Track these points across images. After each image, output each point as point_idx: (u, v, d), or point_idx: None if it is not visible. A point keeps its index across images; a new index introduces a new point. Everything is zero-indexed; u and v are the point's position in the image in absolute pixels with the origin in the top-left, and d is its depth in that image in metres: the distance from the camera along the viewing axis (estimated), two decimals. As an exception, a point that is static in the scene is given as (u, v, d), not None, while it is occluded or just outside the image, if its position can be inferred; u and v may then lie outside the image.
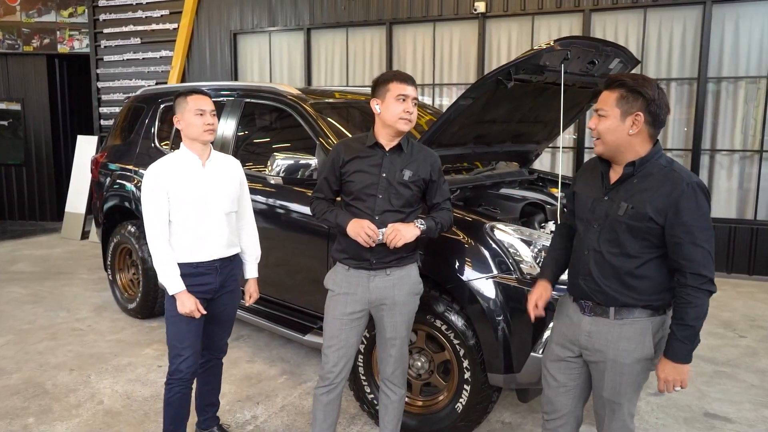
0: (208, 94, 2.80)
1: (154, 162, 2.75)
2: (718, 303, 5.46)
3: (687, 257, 1.94)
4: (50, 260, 7.23)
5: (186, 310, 2.66)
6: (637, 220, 1.97)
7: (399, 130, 2.48)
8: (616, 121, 2.00)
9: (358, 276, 2.57)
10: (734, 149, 6.48)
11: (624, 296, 2.05)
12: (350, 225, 2.47)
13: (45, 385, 3.80)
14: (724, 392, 3.75)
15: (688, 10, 6.45)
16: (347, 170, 2.54)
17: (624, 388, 2.10)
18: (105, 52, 9.42)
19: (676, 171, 1.99)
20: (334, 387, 2.63)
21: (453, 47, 7.52)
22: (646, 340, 2.06)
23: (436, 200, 2.64)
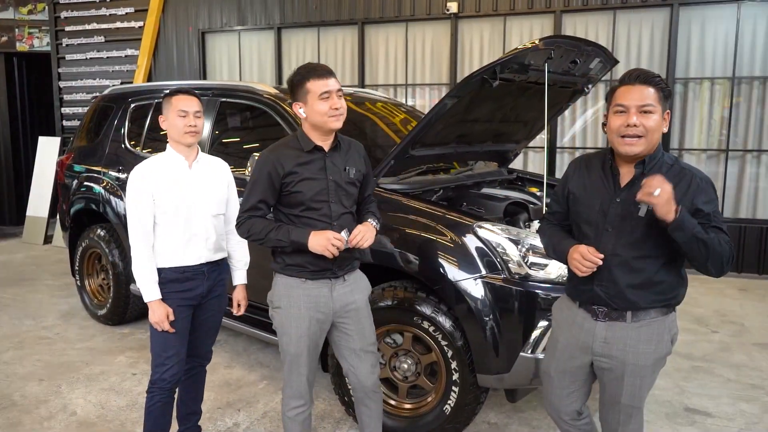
0: (195, 94, 2.69)
1: (140, 163, 2.67)
2: (688, 299, 5.50)
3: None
4: (12, 266, 6.96)
5: (155, 318, 2.57)
6: (659, 220, 1.89)
7: (331, 129, 2.35)
8: (660, 118, 1.96)
9: (318, 286, 2.41)
10: (701, 148, 6.63)
11: (645, 299, 2.01)
12: (312, 240, 2.27)
13: (13, 397, 3.64)
14: (703, 387, 3.81)
15: (656, 12, 6.57)
16: (290, 181, 2.33)
17: (643, 392, 2.08)
18: (67, 50, 9.14)
19: (686, 168, 2.01)
20: (308, 405, 2.52)
21: (425, 47, 7.52)
22: (664, 338, 2.04)
23: (368, 192, 2.58)
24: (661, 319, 2.03)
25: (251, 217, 2.38)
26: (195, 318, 2.77)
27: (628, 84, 1.96)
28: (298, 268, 2.40)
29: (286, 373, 2.50)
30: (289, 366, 2.48)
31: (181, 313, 2.66)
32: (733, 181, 6.54)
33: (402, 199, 3.12)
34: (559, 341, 2.22)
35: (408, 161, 3.40)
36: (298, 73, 2.35)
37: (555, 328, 2.28)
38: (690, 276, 2.16)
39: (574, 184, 2.16)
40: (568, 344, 2.17)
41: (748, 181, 6.53)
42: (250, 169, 3.35)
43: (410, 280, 3.07)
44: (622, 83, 1.98)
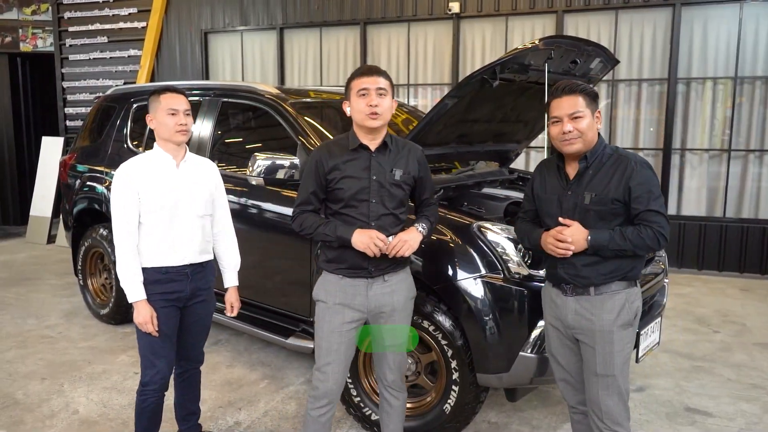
0: (182, 92, 2.68)
1: (126, 161, 2.63)
2: (690, 299, 5.57)
3: (648, 221, 2.20)
4: (15, 266, 6.99)
5: (140, 319, 2.54)
6: (603, 204, 2.23)
7: (368, 127, 2.37)
8: (590, 119, 2.26)
9: (354, 285, 2.45)
10: (703, 148, 6.62)
11: (601, 276, 2.26)
12: (356, 237, 2.33)
13: (15, 396, 3.66)
14: (703, 387, 3.81)
15: (659, 12, 6.57)
16: (334, 177, 2.40)
17: (615, 358, 2.26)
18: (70, 51, 9.17)
19: (623, 155, 2.28)
20: (333, 406, 2.53)
21: (427, 47, 7.52)
22: (625, 307, 2.29)
23: (425, 196, 2.58)
24: (622, 291, 2.29)
25: (303, 212, 2.47)
26: (182, 322, 2.74)
27: (558, 97, 2.27)
28: (336, 264, 2.46)
29: (315, 369, 2.52)
30: (319, 362, 2.50)
31: (168, 315, 2.63)
32: (736, 181, 6.53)
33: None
34: (547, 321, 2.48)
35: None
36: (351, 74, 2.43)
37: (544, 311, 2.51)
38: (691, 276, 2.29)
39: (537, 185, 2.47)
40: (552, 323, 2.44)
41: (750, 181, 6.51)
42: (251, 169, 3.36)
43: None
44: (553, 97, 2.29)
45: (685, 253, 6.59)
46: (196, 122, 4.18)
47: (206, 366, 4.03)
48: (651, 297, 3.34)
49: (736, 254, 6.47)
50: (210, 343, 4.48)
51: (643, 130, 6.82)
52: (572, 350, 2.41)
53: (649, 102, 6.77)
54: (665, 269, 3.59)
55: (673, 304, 5.36)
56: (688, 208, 6.70)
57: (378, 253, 2.33)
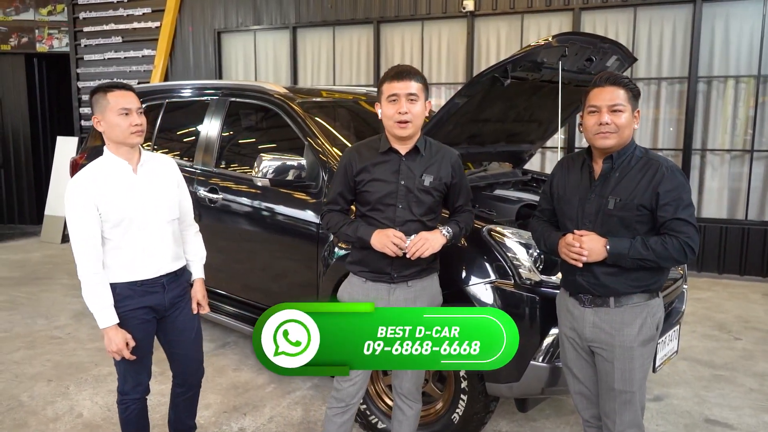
0: (131, 88, 2.42)
1: (77, 174, 2.36)
2: (711, 304, 5.41)
3: (675, 230, 2.05)
4: (28, 265, 7.02)
5: (113, 347, 2.32)
6: (628, 211, 2.09)
7: (396, 135, 2.30)
8: (630, 116, 2.11)
9: (377, 289, 2.40)
10: (725, 149, 6.44)
11: (623, 285, 2.13)
12: (374, 237, 2.28)
13: (21, 397, 3.63)
14: (724, 397, 3.68)
15: (678, 9, 6.40)
16: (362, 179, 2.36)
17: (634, 374, 2.15)
18: (85, 51, 9.20)
19: (653, 158, 2.13)
20: (350, 408, 2.48)
21: (441, 46, 7.42)
22: (647, 322, 2.16)
23: (459, 203, 2.49)
24: (644, 303, 2.16)
25: (330, 211, 2.47)
26: (168, 336, 2.57)
27: (599, 86, 2.12)
28: (360, 266, 2.43)
29: None
30: None
31: (144, 329, 2.45)
32: (759, 182, 6.34)
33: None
34: (562, 331, 2.35)
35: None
36: (383, 75, 2.36)
37: (559, 321, 2.38)
38: (712, 281, 2.18)
39: (557, 183, 2.32)
40: (567, 333, 2.30)
41: (773, 183, 6.33)
42: (257, 170, 3.30)
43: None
44: (594, 86, 2.13)
45: (705, 256, 6.42)
46: (204, 122, 4.14)
47: (213, 369, 4.01)
48: (669, 304, 3.22)
49: (759, 258, 6.28)
50: (217, 346, 4.43)
51: (662, 129, 6.65)
52: (588, 362, 2.29)
53: (668, 101, 6.60)
54: (684, 274, 3.46)
55: (693, 309, 5.20)
56: (708, 210, 6.53)
57: (398, 253, 2.26)
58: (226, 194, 3.85)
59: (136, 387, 2.52)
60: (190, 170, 4.10)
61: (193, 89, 4.42)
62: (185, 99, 4.48)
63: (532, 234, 2.43)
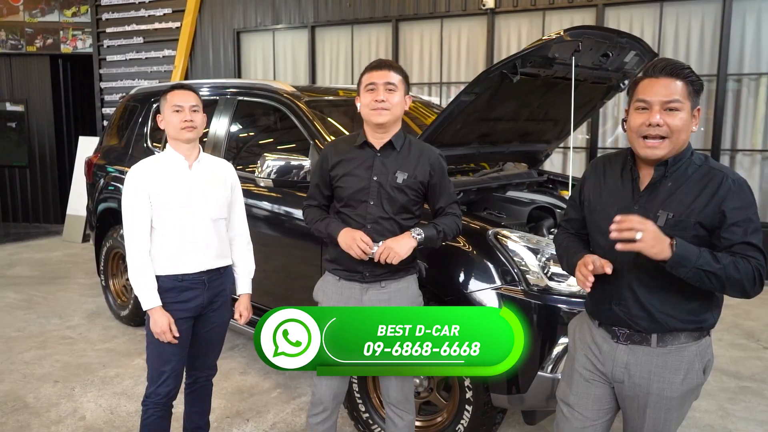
0: (192, 88, 2.56)
1: (137, 163, 2.53)
2: (739, 311, 5.17)
3: (745, 255, 1.68)
4: (49, 264, 7.08)
5: (157, 329, 2.43)
6: (682, 229, 1.71)
7: (374, 123, 2.23)
8: (688, 116, 1.72)
9: (350, 288, 2.34)
10: (756, 149, 6.18)
11: (673, 319, 1.77)
12: (341, 235, 2.24)
13: (26, 399, 3.62)
14: (750, 410, 3.48)
15: (707, 4, 6.16)
16: (336, 174, 2.32)
17: (670, 427, 1.83)
18: (108, 51, 9.28)
19: (716, 168, 1.75)
20: (330, 413, 2.40)
21: (461, 44, 7.28)
22: (695, 368, 1.79)
23: (439, 204, 2.38)
24: (692, 345, 1.79)
25: (309, 206, 2.45)
26: (196, 331, 2.62)
27: (652, 77, 1.72)
28: (333, 264, 2.38)
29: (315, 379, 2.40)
30: None
31: (181, 326, 2.50)
32: (791, 184, 6.08)
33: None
34: (576, 365, 1.96)
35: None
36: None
37: (572, 349, 2.03)
38: None
39: (589, 188, 1.94)
40: (585, 369, 1.92)
41: (808, 185, 6.05)
42: (260, 169, 3.23)
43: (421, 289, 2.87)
44: (646, 75, 1.74)
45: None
46: (212, 121, 4.08)
47: (219, 372, 3.89)
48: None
49: (792, 263, 6.00)
50: (226, 348, 4.34)
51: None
52: (601, 402, 1.92)
53: (697, 99, 6.35)
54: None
55: (720, 316, 4.97)
56: (738, 212, 6.26)
57: (362, 256, 2.19)
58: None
59: (160, 387, 2.53)
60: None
61: (202, 88, 4.37)
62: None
63: (556, 249, 2.08)
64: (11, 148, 9.63)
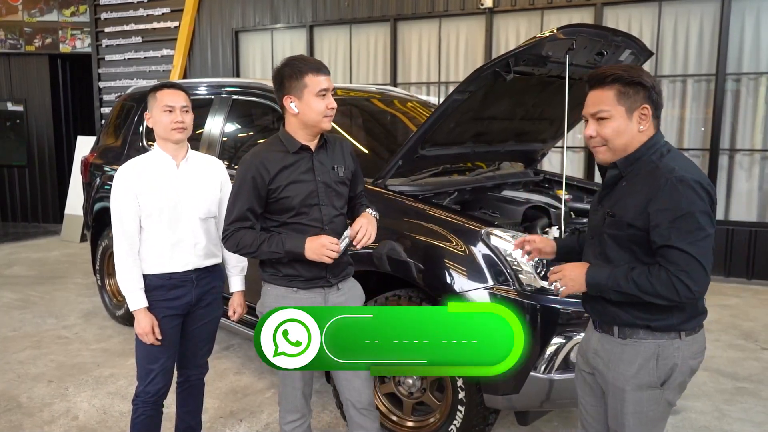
0: (181, 87, 2.54)
1: (125, 163, 2.51)
2: (738, 311, 5.15)
3: (666, 260, 1.68)
4: (47, 264, 7.07)
5: (140, 330, 2.42)
6: (618, 228, 1.76)
7: (323, 129, 2.22)
8: (623, 120, 1.74)
9: (311, 297, 2.26)
10: (755, 149, 6.16)
11: (626, 315, 1.80)
12: (308, 247, 2.12)
13: (20, 398, 3.60)
14: (746, 411, 3.46)
15: (706, 4, 6.14)
16: (278, 185, 2.18)
17: (626, 419, 1.82)
18: (106, 51, 9.28)
19: (662, 167, 1.72)
20: (306, 418, 2.38)
21: (459, 44, 7.26)
22: (648, 365, 1.78)
23: (359, 189, 2.43)
24: (651, 342, 1.78)
25: (239, 229, 2.21)
26: (186, 328, 2.61)
27: (587, 90, 1.81)
28: (290, 277, 2.26)
29: (281, 386, 2.37)
30: (283, 379, 2.34)
31: (169, 323, 2.50)
32: (791, 184, 6.05)
33: (407, 201, 2.91)
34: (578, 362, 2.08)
35: (419, 162, 3.18)
36: (292, 65, 2.16)
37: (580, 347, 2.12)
38: (740, 287, 1.94)
39: None
40: (579, 361, 2.05)
41: (807, 185, 6.03)
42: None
43: (415, 289, 2.86)
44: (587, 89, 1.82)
45: (733, 261, 6.14)
46: (207, 120, 4.07)
47: (214, 372, 3.91)
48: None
49: (791, 263, 5.99)
50: (221, 348, 4.36)
51: (688, 129, 6.39)
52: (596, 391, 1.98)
53: (695, 99, 6.34)
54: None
55: (718, 316, 4.96)
56: (737, 213, 6.24)
57: (335, 257, 2.14)
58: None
59: (149, 386, 2.51)
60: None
61: (198, 87, 4.36)
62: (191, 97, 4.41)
63: None
64: (10, 147, 9.63)
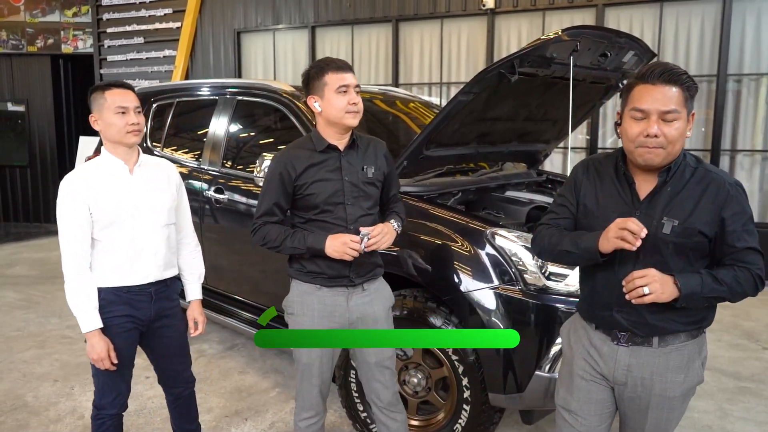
0: (130, 86, 2.33)
1: (70, 172, 2.30)
2: (739, 312, 5.17)
3: (745, 261, 1.70)
4: (49, 263, 7.09)
5: (95, 355, 2.23)
6: (686, 237, 1.69)
7: (347, 125, 2.22)
8: (685, 124, 1.68)
9: (333, 295, 2.29)
10: (756, 149, 6.18)
11: (672, 323, 1.75)
12: (329, 246, 2.16)
13: (25, 398, 3.62)
14: (748, 411, 3.48)
15: (707, 5, 6.16)
16: (304, 182, 2.22)
17: (670, 426, 1.84)
18: (108, 51, 9.30)
19: (711, 171, 1.74)
20: (321, 417, 2.41)
21: (461, 44, 7.28)
22: (695, 365, 1.81)
23: (393, 192, 2.44)
24: (692, 343, 1.80)
25: (266, 224, 2.27)
26: (155, 348, 2.49)
27: (650, 83, 1.66)
28: (313, 274, 2.29)
29: (298, 382, 2.40)
30: (301, 375, 2.38)
31: (126, 339, 2.34)
32: (792, 184, 6.07)
33: (411, 201, 2.92)
34: (575, 370, 1.91)
35: (424, 162, 3.20)
36: (316, 66, 2.24)
37: (568, 353, 1.98)
38: None
39: (585, 193, 1.87)
40: (586, 372, 1.89)
41: (808, 185, 6.05)
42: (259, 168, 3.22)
43: (421, 289, 2.88)
44: (642, 81, 1.68)
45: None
46: (212, 121, 4.09)
47: (218, 372, 3.96)
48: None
49: (792, 263, 6.00)
50: (225, 348, 4.38)
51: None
52: (603, 406, 1.89)
53: (696, 100, 6.30)
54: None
55: (720, 316, 4.95)
56: (738, 213, 6.26)
57: (356, 255, 2.17)
58: (232, 194, 3.79)
59: (113, 401, 2.41)
60: (199, 170, 4.05)
61: (202, 88, 4.38)
62: (195, 98, 4.44)
63: (546, 240, 1.89)
64: (12, 148, 9.64)
